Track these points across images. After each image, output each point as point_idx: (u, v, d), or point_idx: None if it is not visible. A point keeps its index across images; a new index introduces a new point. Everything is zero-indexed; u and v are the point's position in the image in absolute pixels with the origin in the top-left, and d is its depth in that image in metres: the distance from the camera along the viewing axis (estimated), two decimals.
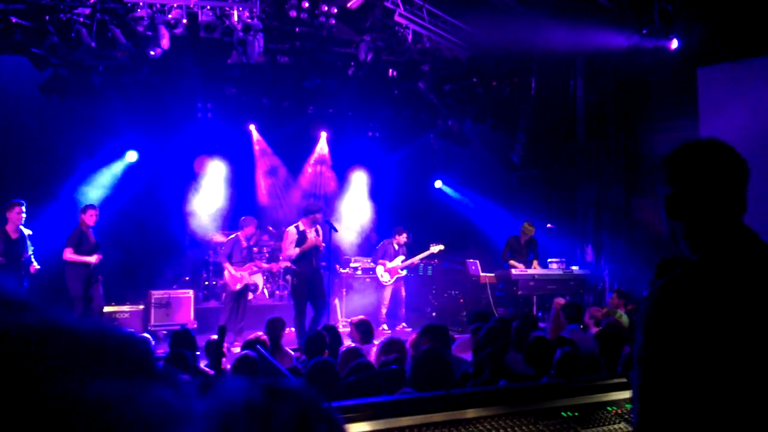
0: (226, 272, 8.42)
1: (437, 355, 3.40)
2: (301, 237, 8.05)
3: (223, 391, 0.46)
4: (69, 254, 7.49)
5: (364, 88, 10.89)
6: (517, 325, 4.88)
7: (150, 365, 0.43)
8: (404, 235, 9.92)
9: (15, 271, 7.03)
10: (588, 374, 3.56)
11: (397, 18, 9.52)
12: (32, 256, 7.35)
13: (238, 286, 8.38)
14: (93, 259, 7.51)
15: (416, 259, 9.92)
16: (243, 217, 8.70)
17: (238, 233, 8.63)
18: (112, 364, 0.40)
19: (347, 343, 5.93)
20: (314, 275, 8.12)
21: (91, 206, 7.86)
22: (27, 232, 7.34)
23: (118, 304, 8.54)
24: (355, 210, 12.57)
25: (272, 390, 0.47)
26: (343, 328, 7.95)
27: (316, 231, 8.18)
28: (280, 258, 8.85)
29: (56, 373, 0.37)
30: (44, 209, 8.74)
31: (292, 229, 8.18)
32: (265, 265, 9.38)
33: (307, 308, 8.11)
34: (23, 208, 7.21)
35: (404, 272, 9.92)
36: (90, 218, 7.68)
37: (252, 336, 4.72)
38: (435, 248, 9.88)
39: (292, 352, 6.09)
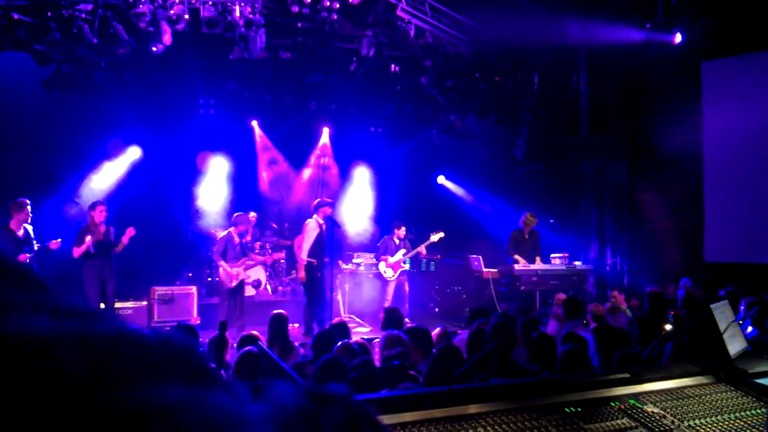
0: (221, 270, 8.39)
1: (455, 352, 3.39)
2: (321, 231, 8.29)
3: (275, 395, 0.49)
4: (74, 251, 7.56)
5: (367, 83, 10.86)
6: (523, 321, 4.87)
7: (208, 371, 0.45)
8: (403, 229, 9.89)
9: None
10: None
11: (399, 13, 9.48)
12: (42, 245, 7.36)
13: (234, 283, 8.33)
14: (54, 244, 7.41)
15: (418, 250, 9.88)
16: (236, 214, 8.68)
17: (231, 230, 8.58)
18: (176, 371, 0.42)
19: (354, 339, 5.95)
20: (326, 269, 8.42)
21: (99, 202, 7.88)
22: (29, 227, 7.34)
23: (121, 300, 8.55)
24: (357, 205, 12.56)
25: (318, 395, 0.50)
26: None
27: (321, 226, 8.37)
28: (299, 251, 8.84)
29: (125, 380, 0.39)
30: (48, 205, 8.76)
31: (312, 222, 8.36)
32: (259, 258, 9.36)
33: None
34: (30, 207, 7.24)
35: (407, 265, 9.90)
36: (99, 215, 7.70)
37: (245, 333, 4.72)
38: (435, 237, 9.84)
39: (300, 349, 6.10)
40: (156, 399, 0.38)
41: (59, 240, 7.39)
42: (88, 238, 7.51)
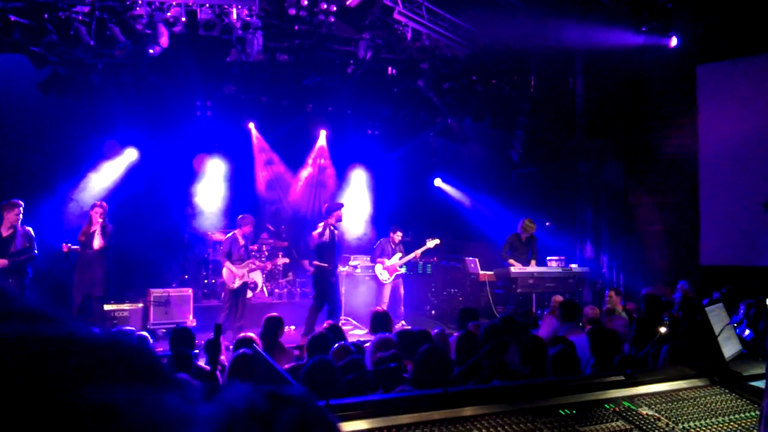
0: (224, 270, 8.44)
1: (439, 353, 3.40)
2: (332, 235, 8.49)
3: (227, 396, 0.49)
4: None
5: (364, 86, 10.88)
6: (516, 324, 4.88)
7: (158, 372, 0.46)
8: (399, 233, 9.91)
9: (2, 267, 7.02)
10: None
11: (396, 16, 9.50)
12: (29, 253, 7.23)
13: (237, 284, 8.38)
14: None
15: (413, 255, 9.90)
16: (241, 216, 8.70)
17: (236, 231, 8.63)
18: (123, 372, 0.43)
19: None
20: (335, 273, 8.65)
21: (97, 203, 7.90)
22: (20, 229, 7.25)
23: (117, 302, 8.53)
24: (354, 208, 12.57)
25: (274, 396, 0.50)
26: (343, 326, 7.97)
27: (333, 231, 8.57)
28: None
29: (70, 382, 0.40)
30: (43, 207, 8.74)
31: (324, 226, 8.53)
32: (260, 263, 9.38)
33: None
34: (21, 209, 7.19)
35: (403, 269, 9.91)
36: (95, 215, 7.70)
37: (241, 336, 4.71)
38: (431, 243, 9.86)
39: (296, 351, 6.10)
40: (98, 399, 0.39)
41: (6, 261, 7.13)
42: (68, 244, 7.53)
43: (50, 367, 0.39)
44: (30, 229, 7.31)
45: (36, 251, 7.29)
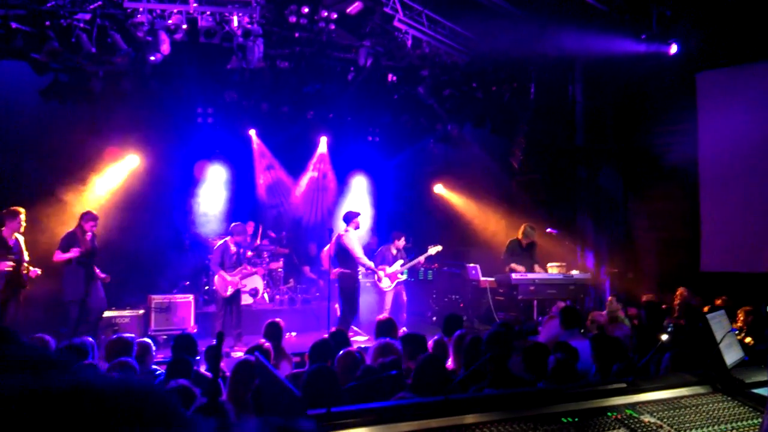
0: (216, 278, 8.44)
1: (438, 361, 3.40)
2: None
3: None
4: (57, 256, 7.47)
5: (364, 93, 10.91)
6: (517, 330, 4.88)
7: (171, 414, 0.45)
8: (402, 239, 9.90)
9: (14, 276, 6.99)
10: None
11: (396, 23, 9.54)
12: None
13: (229, 291, 8.35)
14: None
15: (415, 261, 9.89)
16: (234, 224, 8.75)
17: (227, 239, 8.63)
18: (137, 417, 0.43)
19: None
20: (357, 279, 8.92)
21: (92, 214, 7.81)
22: (21, 238, 7.27)
23: (118, 308, 8.52)
24: None
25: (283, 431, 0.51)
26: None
27: None
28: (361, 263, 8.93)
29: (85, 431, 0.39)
30: (43, 214, 8.74)
31: (352, 232, 8.81)
32: (252, 268, 9.36)
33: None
34: (23, 217, 7.18)
35: (404, 276, 9.89)
36: (88, 225, 7.64)
37: (258, 344, 4.74)
38: (433, 250, 9.84)
39: (296, 357, 6.10)
40: None
41: (39, 272, 7.25)
42: (74, 249, 7.42)
43: (64, 419, 0.39)
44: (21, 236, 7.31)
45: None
